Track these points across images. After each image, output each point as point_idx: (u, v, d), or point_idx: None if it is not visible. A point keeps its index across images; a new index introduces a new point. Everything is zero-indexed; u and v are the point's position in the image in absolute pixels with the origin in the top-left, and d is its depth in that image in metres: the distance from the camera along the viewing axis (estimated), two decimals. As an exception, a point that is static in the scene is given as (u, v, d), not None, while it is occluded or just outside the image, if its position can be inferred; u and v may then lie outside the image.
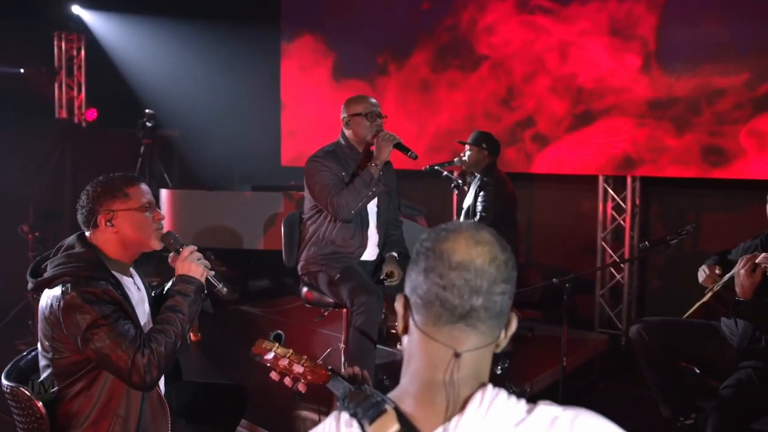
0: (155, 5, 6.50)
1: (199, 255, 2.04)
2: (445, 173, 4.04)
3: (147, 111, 5.98)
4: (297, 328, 4.50)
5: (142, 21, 6.75)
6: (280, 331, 1.57)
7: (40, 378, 1.87)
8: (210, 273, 2.02)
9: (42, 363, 1.88)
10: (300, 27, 6.74)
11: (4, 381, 1.88)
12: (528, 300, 4.45)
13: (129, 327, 1.79)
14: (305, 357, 1.50)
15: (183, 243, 2.05)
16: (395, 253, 3.24)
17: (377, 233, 3.25)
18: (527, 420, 0.92)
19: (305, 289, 3.25)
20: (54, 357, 1.82)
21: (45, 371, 1.86)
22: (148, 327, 1.92)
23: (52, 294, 1.80)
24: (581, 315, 5.02)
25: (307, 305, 3.30)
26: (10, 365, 1.95)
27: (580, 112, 4.90)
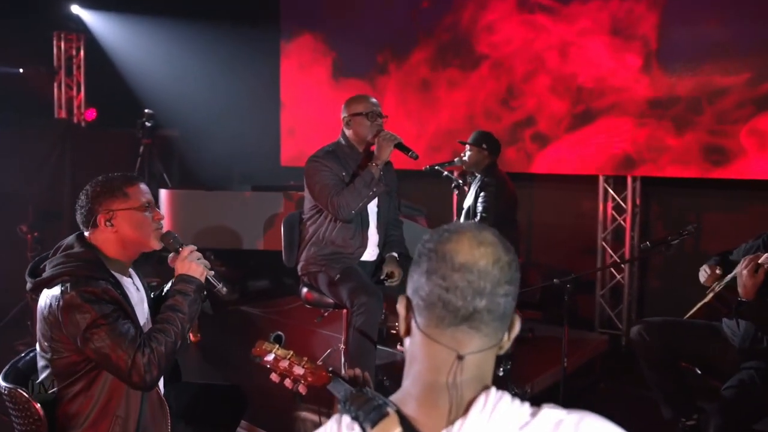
0: (155, 5, 6.49)
1: (199, 255, 2.03)
2: (446, 173, 4.03)
3: (146, 111, 5.97)
4: (297, 328, 4.49)
5: (141, 21, 6.74)
6: (280, 333, 1.56)
7: (38, 379, 1.86)
8: (210, 273, 2.02)
9: (40, 364, 1.87)
10: (299, 26, 6.73)
11: (1, 382, 1.87)
12: (528, 300, 4.44)
13: (129, 326, 1.79)
14: (306, 358, 1.49)
15: (182, 243, 2.05)
16: (395, 254, 3.23)
17: (377, 233, 3.24)
18: (531, 423, 0.91)
19: (305, 290, 3.24)
20: (53, 357, 1.81)
21: (43, 372, 1.85)
22: (147, 328, 1.91)
23: (51, 294, 1.79)
24: (581, 315, 5.01)
25: (307, 306, 3.29)
26: (8, 366, 1.94)
27: (580, 111, 4.89)
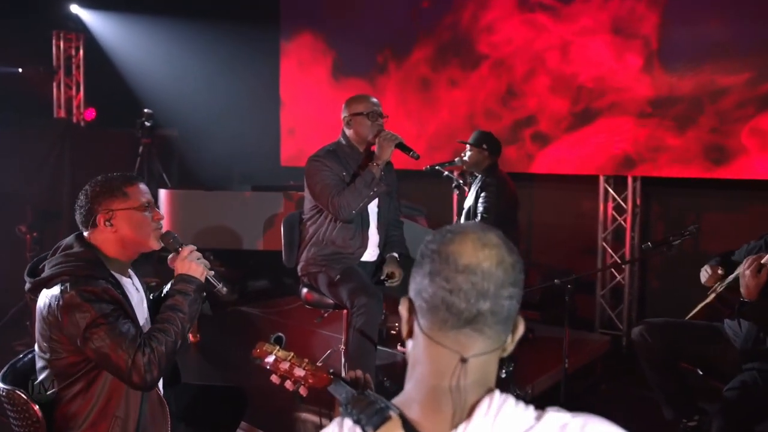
0: (154, 5, 6.48)
1: (199, 254, 2.02)
2: (446, 173, 4.02)
3: (146, 110, 5.96)
4: (297, 329, 4.49)
5: (140, 20, 6.73)
6: (280, 334, 1.54)
7: (37, 380, 1.84)
8: (210, 273, 2.01)
9: (39, 365, 1.85)
10: (299, 25, 6.71)
11: (0, 384, 1.85)
12: (528, 301, 4.43)
13: (129, 326, 1.78)
14: (306, 360, 1.47)
15: (182, 243, 2.04)
16: (396, 254, 3.21)
17: (378, 234, 3.23)
18: (536, 427, 0.90)
19: (305, 290, 3.23)
20: (51, 358, 1.80)
21: (42, 373, 1.84)
22: (146, 329, 1.90)
23: (50, 293, 1.78)
24: (582, 316, 4.99)
25: (307, 306, 3.28)
26: (6, 367, 1.93)
27: (581, 111, 4.88)
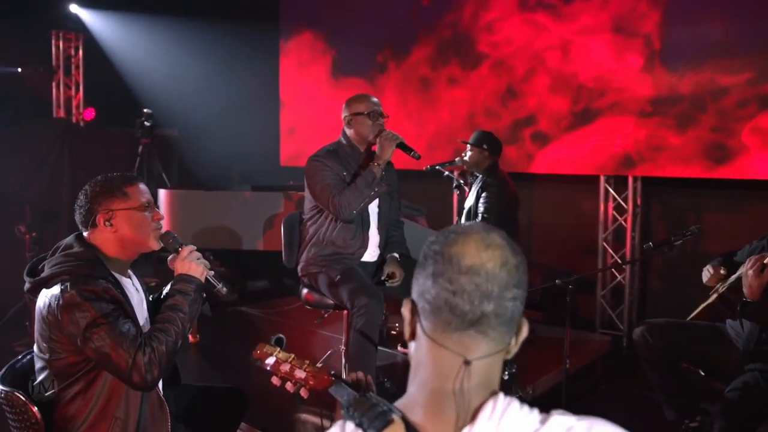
0: (154, 4, 6.47)
1: (199, 254, 2.02)
2: (446, 173, 4.01)
3: (145, 110, 5.94)
4: (297, 329, 4.47)
5: (140, 20, 6.72)
6: (281, 335, 1.53)
7: (36, 380, 1.83)
8: (210, 273, 2.00)
9: (38, 365, 1.84)
10: (299, 25, 6.70)
11: (-2, 385, 1.84)
12: (529, 301, 4.39)
13: (129, 326, 1.77)
14: (307, 362, 1.46)
15: (182, 243, 2.03)
16: (396, 254, 3.21)
17: (378, 234, 3.22)
18: (541, 431, 0.89)
19: (305, 291, 3.22)
20: (51, 358, 1.79)
21: (41, 374, 1.83)
22: (145, 330, 1.89)
23: (50, 293, 1.77)
24: (582, 316, 4.98)
25: (307, 307, 3.27)
26: (4, 369, 1.91)
27: (581, 110, 4.87)
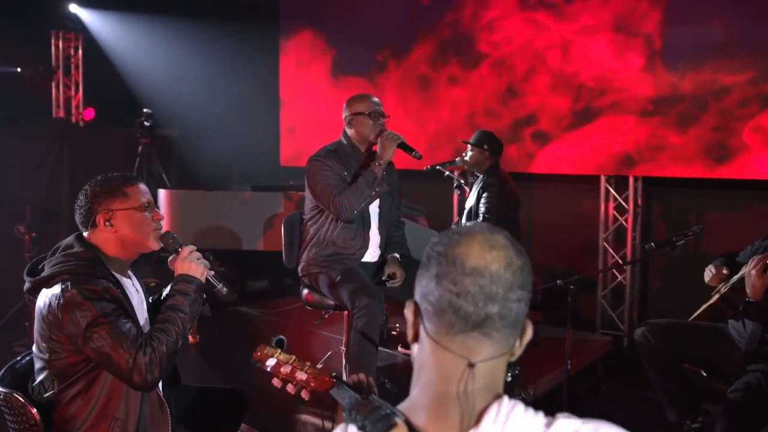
0: (153, 4, 6.46)
1: (199, 255, 2.01)
2: (447, 173, 4.00)
3: (145, 110, 5.94)
4: (297, 329, 4.47)
5: (139, 20, 6.71)
6: (282, 337, 1.52)
7: (36, 381, 1.82)
8: (210, 273, 1.99)
9: (37, 366, 1.83)
10: (299, 24, 6.68)
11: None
12: (530, 301, 4.41)
13: (130, 326, 1.76)
14: (308, 363, 1.45)
15: (182, 243, 2.02)
16: (397, 254, 3.20)
17: (379, 234, 3.21)
18: None
19: (306, 291, 3.21)
20: (51, 358, 1.78)
21: (40, 374, 1.82)
22: (145, 330, 1.88)
23: (50, 293, 1.76)
24: (583, 316, 4.98)
25: (308, 307, 3.26)
26: (4, 370, 1.90)
27: (581, 110, 4.86)
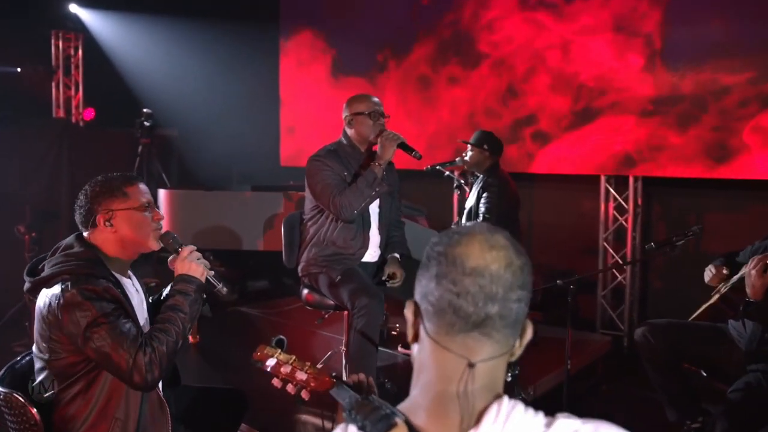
0: (153, 4, 6.46)
1: (199, 255, 2.01)
2: (447, 173, 4.00)
3: (145, 110, 5.94)
4: (297, 329, 4.46)
5: (139, 20, 6.71)
6: (282, 337, 1.52)
7: (36, 381, 1.82)
8: (210, 273, 1.99)
9: (37, 366, 1.83)
10: (299, 24, 6.68)
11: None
12: (530, 301, 4.41)
13: (130, 326, 1.76)
14: (308, 363, 1.45)
15: (182, 243, 2.02)
16: (397, 254, 3.20)
17: (379, 234, 3.21)
18: None
19: (306, 291, 3.21)
20: (50, 358, 1.78)
21: (40, 374, 1.82)
22: (145, 331, 1.88)
23: (50, 293, 1.76)
24: (583, 316, 4.98)
25: (308, 307, 3.26)
26: (3, 370, 1.90)
27: (581, 110, 4.86)
